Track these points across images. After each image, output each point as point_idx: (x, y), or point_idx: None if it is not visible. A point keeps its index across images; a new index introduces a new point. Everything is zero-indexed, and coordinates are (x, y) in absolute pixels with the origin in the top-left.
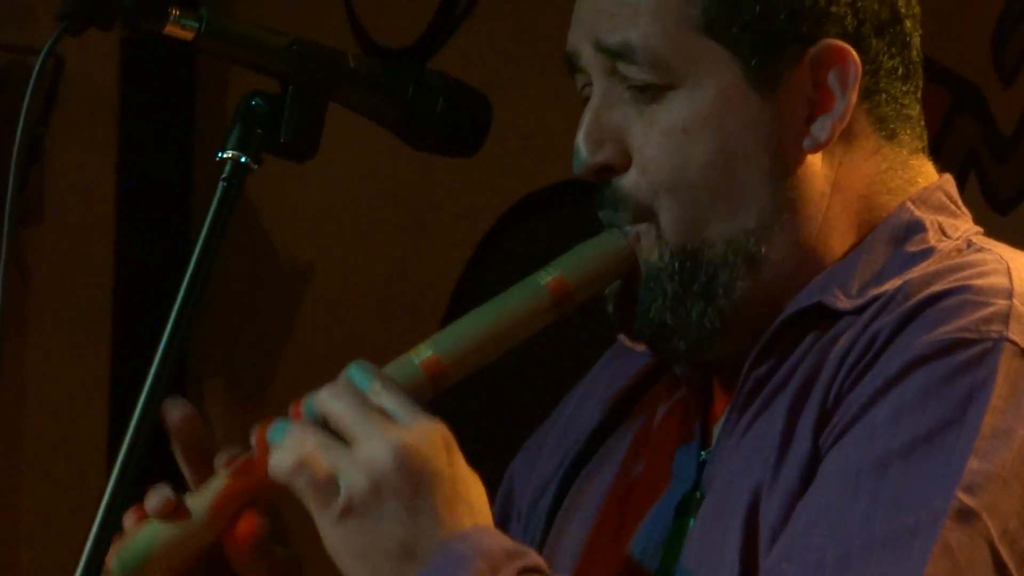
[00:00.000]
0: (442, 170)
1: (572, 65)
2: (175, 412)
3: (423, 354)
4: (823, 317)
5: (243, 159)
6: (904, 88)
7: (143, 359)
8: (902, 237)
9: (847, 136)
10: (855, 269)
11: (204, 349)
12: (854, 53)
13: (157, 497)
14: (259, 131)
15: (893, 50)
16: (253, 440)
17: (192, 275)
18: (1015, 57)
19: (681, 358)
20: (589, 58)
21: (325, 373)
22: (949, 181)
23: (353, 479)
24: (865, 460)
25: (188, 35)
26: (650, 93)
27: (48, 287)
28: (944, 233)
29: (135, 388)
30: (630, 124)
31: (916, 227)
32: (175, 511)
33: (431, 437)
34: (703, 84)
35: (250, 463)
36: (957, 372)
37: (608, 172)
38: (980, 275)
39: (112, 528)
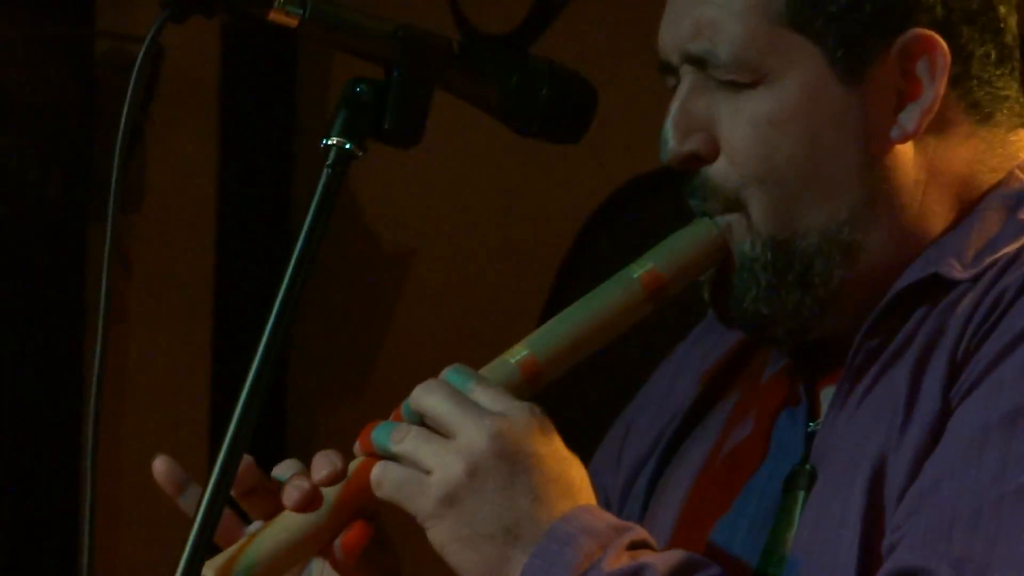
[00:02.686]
0: (546, 157)
1: (664, 67)
2: (165, 471)
3: (519, 354)
4: (937, 288)
5: (348, 145)
6: (998, 72)
7: (245, 348)
8: (1014, 205)
9: (940, 123)
10: (968, 239)
11: (306, 338)
12: (942, 42)
13: (295, 489)
14: (363, 117)
15: (986, 36)
16: (357, 448)
17: (296, 263)
18: None
19: (780, 342)
20: (678, 62)
21: (426, 362)
22: None
23: (451, 467)
24: (993, 415)
25: (293, 21)
26: (740, 87)
27: (149, 274)
28: None
29: (237, 377)
30: (718, 114)
31: (1013, 200)
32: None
33: (527, 421)
34: (789, 77)
35: (360, 470)
36: None
37: (696, 161)
38: None
39: (214, 520)
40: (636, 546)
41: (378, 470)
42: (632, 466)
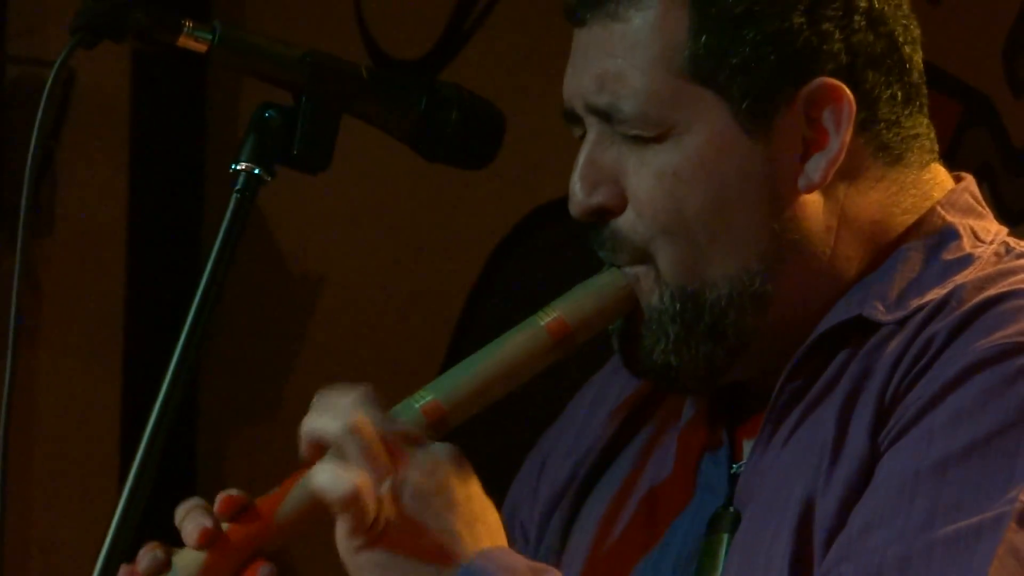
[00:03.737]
0: (454, 182)
1: (569, 116)
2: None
3: (423, 399)
4: (861, 329)
5: (256, 171)
6: (906, 111)
7: (156, 370)
8: (936, 245)
9: (848, 170)
10: (891, 281)
11: (216, 361)
12: (847, 91)
13: (148, 558)
14: (272, 143)
15: (891, 78)
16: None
17: (205, 286)
18: None
19: (690, 391)
20: (582, 112)
21: (334, 380)
22: (971, 181)
23: (385, 508)
24: (924, 463)
25: (202, 47)
26: (643, 140)
27: (59, 298)
28: (977, 237)
29: (148, 399)
30: (625, 166)
31: (949, 234)
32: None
33: (448, 460)
34: (694, 130)
35: (254, 511)
36: (1016, 376)
37: (604, 214)
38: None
39: (124, 541)
40: None
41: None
42: (549, 499)
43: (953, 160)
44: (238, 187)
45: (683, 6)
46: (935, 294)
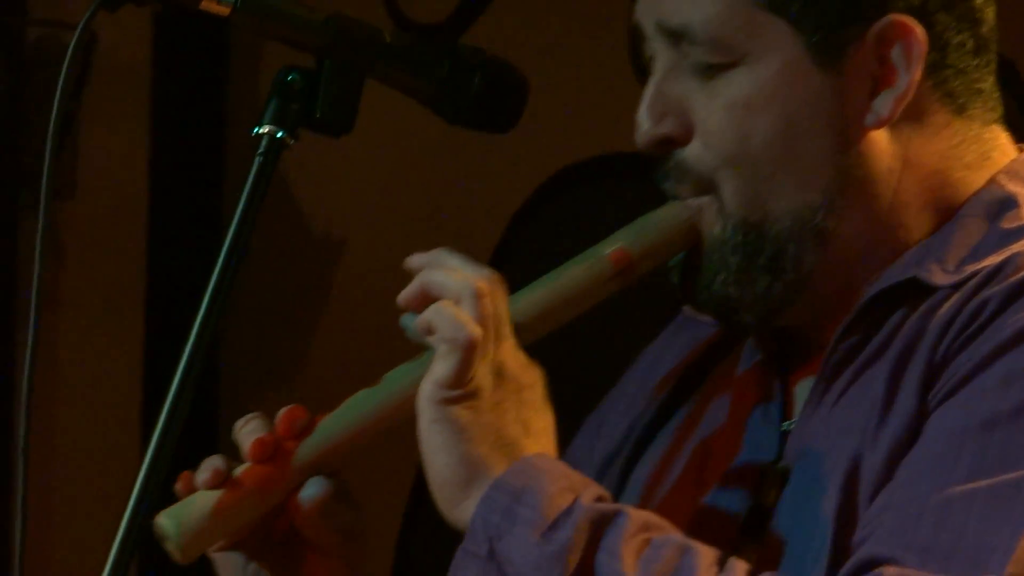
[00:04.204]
0: (476, 145)
1: (637, 34)
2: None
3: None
4: (916, 292)
5: (279, 134)
6: (974, 62)
7: (177, 333)
8: (996, 213)
9: (915, 111)
10: (949, 245)
11: (238, 326)
12: (919, 29)
13: (208, 470)
14: (295, 106)
15: (962, 25)
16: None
17: (227, 251)
18: None
19: (748, 328)
20: (652, 33)
21: (356, 350)
22: None
23: (480, 374)
24: (973, 419)
25: (224, 10)
26: (714, 69)
27: (81, 261)
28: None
29: (169, 363)
30: (693, 97)
31: (1009, 203)
32: (226, 483)
33: (534, 367)
34: (765, 60)
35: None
36: None
37: (670, 144)
38: None
39: (147, 505)
40: (602, 500)
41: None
42: (604, 458)
43: None
44: (261, 150)
45: None
46: (991, 260)
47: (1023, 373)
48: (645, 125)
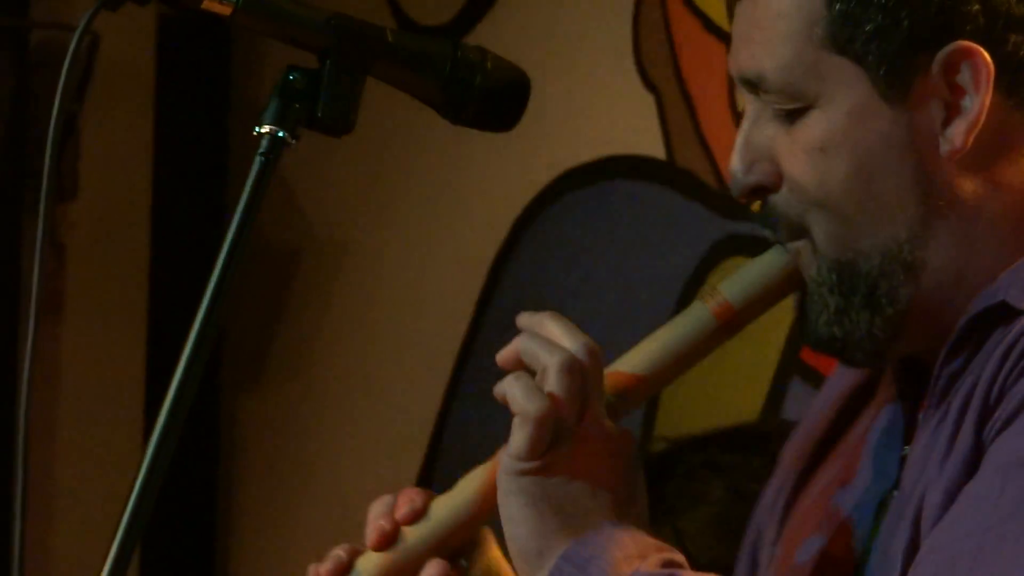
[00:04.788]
0: (480, 147)
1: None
2: None
3: (614, 377)
4: (1008, 316)
5: (280, 133)
6: None
7: (179, 335)
8: None
9: (996, 134)
10: None
11: (239, 326)
12: (984, 52)
13: (331, 560)
14: (296, 106)
15: None
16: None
17: (228, 251)
18: None
19: (862, 364)
20: (738, 83)
21: (358, 352)
22: None
23: (559, 445)
24: (1014, 456)
25: (226, 10)
26: (792, 114)
27: (83, 263)
28: None
29: (172, 363)
30: (777, 143)
31: None
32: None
33: (618, 439)
34: (836, 101)
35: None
36: None
37: (763, 191)
38: None
39: (147, 504)
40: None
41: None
42: (773, 494)
43: None
44: (262, 150)
45: None
46: None
47: None
48: (738, 175)
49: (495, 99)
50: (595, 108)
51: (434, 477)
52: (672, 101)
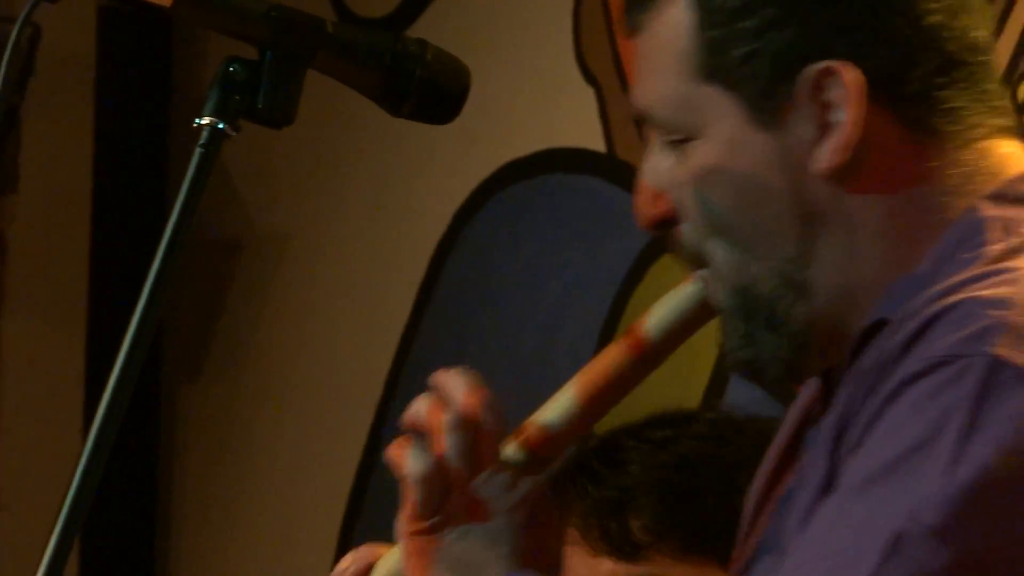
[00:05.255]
0: (421, 139)
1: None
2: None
3: (526, 431)
4: (889, 332)
5: (220, 125)
6: (941, 81)
7: (120, 328)
8: (961, 240)
9: (876, 148)
10: (914, 280)
11: (179, 317)
12: (851, 69)
13: None
14: (237, 97)
15: (917, 51)
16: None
17: (168, 243)
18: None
19: (778, 384)
20: (635, 116)
21: (298, 345)
22: None
23: (450, 508)
24: (856, 477)
25: (166, 2)
26: (679, 145)
27: (23, 255)
28: (1008, 231)
29: (112, 357)
30: (673, 174)
31: (978, 228)
32: None
33: (519, 500)
34: (715, 130)
35: None
36: (938, 391)
37: (668, 222)
38: (995, 284)
39: (85, 500)
40: None
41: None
42: (752, 495)
43: None
44: (202, 142)
45: (688, 7)
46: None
47: (895, 428)
48: (640, 208)
49: (435, 92)
50: (536, 101)
51: (374, 467)
52: (612, 94)
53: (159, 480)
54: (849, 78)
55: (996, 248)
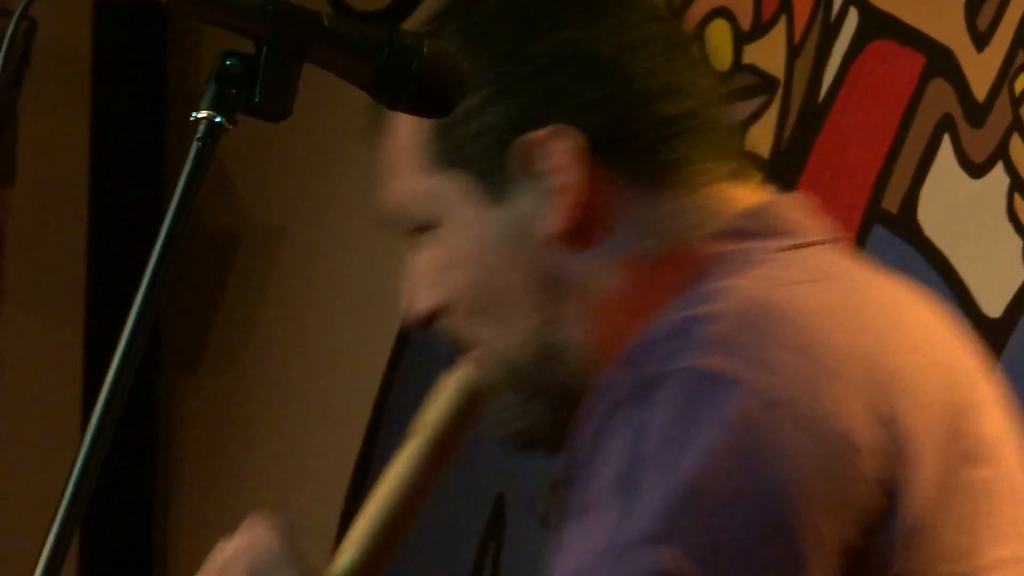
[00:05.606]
0: None
1: None
2: None
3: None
4: None
5: (218, 119)
6: (658, 135)
7: (118, 322)
8: (688, 280)
9: (603, 207)
10: (649, 322)
11: (177, 311)
12: (569, 134)
13: None
14: (233, 91)
15: (635, 108)
16: None
17: (166, 236)
18: (988, 21)
19: (557, 450)
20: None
21: (295, 338)
22: (783, 200)
23: None
24: (567, 511)
25: None
26: (431, 234)
27: (20, 248)
28: (722, 263)
29: (110, 350)
30: (431, 264)
31: (699, 264)
32: None
33: None
34: (455, 214)
35: None
36: (648, 409)
37: (439, 316)
38: (702, 303)
39: (84, 494)
40: None
41: None
42: None
43: (915, 112)
44: (199, 135)
45: None
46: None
47: (610, 456)
48: (408, 307)
49: (432, 85)
50: None
51: (373, 459)
52: None
53: (158, 473)
54: (564, 144)
55: (701, 290)
